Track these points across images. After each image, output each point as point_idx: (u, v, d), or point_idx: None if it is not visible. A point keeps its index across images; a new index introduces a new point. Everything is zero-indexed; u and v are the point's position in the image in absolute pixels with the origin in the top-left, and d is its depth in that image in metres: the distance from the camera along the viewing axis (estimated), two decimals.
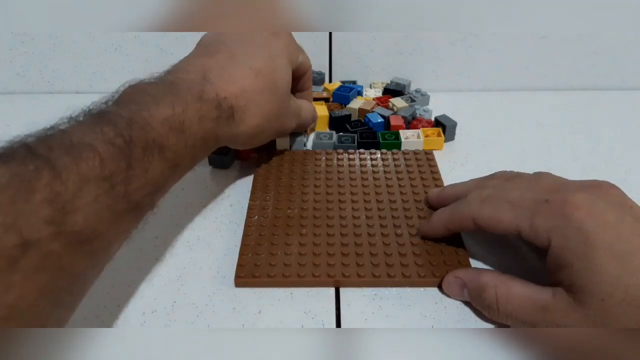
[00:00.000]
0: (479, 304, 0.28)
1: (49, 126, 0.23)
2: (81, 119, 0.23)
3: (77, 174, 0.21)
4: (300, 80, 0.41)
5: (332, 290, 0.30)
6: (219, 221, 0.36)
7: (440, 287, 0.30)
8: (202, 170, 0.42)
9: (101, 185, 0.21)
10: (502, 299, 0.26)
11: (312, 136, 0.45)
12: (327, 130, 0.47)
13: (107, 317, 0.28)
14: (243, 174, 0.41)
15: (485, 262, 0.32)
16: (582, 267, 0.23)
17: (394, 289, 0.30)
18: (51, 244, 0.19)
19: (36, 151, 0.20)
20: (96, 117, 0.24)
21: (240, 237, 0.33)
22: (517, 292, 0.26)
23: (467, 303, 0.29)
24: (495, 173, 0.32)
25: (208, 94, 0.29)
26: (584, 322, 0.23)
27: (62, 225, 0.20)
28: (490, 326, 0.28)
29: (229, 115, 0.30)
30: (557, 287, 0.25)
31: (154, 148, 0.25)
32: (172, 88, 0.28)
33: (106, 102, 0.26)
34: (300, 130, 0.43)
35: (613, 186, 0.27)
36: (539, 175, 0.29)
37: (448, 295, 0.29)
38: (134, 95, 0.26)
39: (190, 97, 0.28)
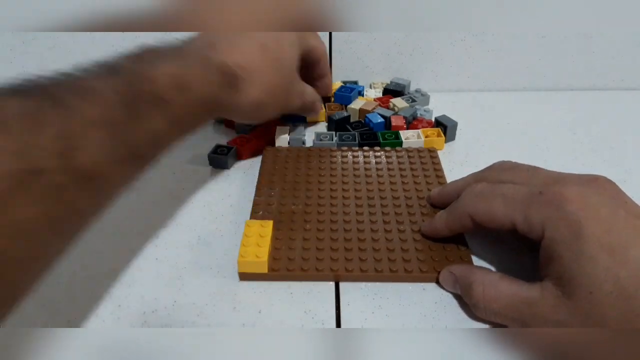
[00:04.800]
0: (467, 301, 0.28)
1: (60, 71, 0.24)
2: (92, 68, 0.25)
3: (84, 115, 0.22)
4: (315, 67, 0.42)
5: (332, 289, 0.30)
6: (219, 221, 0.36)
7: (438, 282, 0.30)
8: (202, 170, 0.42)
9: (104, 128, 0.23)
10: (489, 298, 0.26)
11: (312, 137, 0.45)
12: (325, 130, 0.47)
13: (108, 317, 0.28)
14: (243, 174, 0.41)
15: (488, 260, 0.32)
16: (572, 259, 0.23)
17: (395, 288, 0.30)
18: (58, 176, 0.21)
19: (48, 90, 0.22)
20: (105, 68, 0.26)
21: (241, 237, 0.33)
22: (504, 290, 0.26)
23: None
24: (494, 164, 0.32)
25: (214, 60, 0.31)
26: (572, 316, 0.23)
27: (69, 160, 0.21)
28: (490, 326, 0.28)
29: (232, 84, 0.32)
30: (546, 282, 0.25)
31: (156, 101, 0.26)
32: (180, 51, 0.30)
33: (117, 58, 0.27)
34: (304, 113, 0.44)
35: (608, 181, 0.27)
36: (536, 168, 0.29)
37: (445, 289, 0.30)
38: (142, 54, 0.28)
39: (196, 60, 0.30)
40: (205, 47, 0.31)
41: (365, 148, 0.42)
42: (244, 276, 0.30)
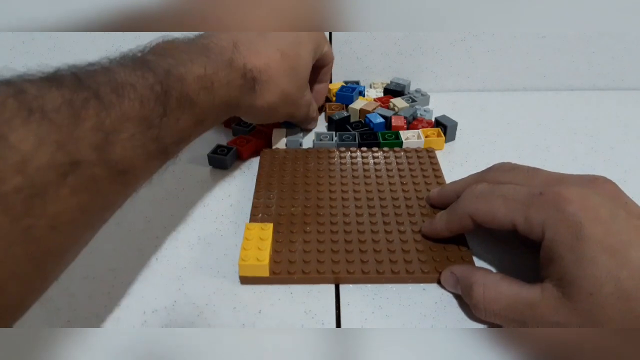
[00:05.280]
0: (468, 302, 0.28)
1: (91, 62, 0.24)
2: (122, 61, 0.25)
3: (120, 110, 0.23)
4: (320, 71, 0.44)
5: (332, 289, 0.30)
6: (219, 221, 0.36)
7: (440, 282, 0.30)
8: (202, 170, 0.42)
9: (139, 124, 0.23)
10: (489, 299, 0.26)
11: (312, 137, 0.45)
12: (325, 130, 0.47)
13: (108, 317, 0.28)
14: (243, 174, 0.41)
15: (489, 261, 0.32)
16: (572, 260, 0.23)
17: (395, 288, 0.30)
18: (95, 168, 0.21)
19: (84, 82, 0.22)
20: (137, 62, 0.26)
21: (241, 237, 0.33)
22: (505, 291, 0.26)
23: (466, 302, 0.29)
24: (494, 165, 0.32)
25: (237, 62, 0.32)
26: (572, 317, 0.23)
27: (105, 153, 0.22)
28: (489, 326, 0.28)
29: (251, 87, 0.33)
30: (546, 283, 0.25)
31: (186, 101, 0.27)
32: (205, 50, 0.30)
33: (142, 51, 0.28)
34: (301, 124, 0.45)
35: (608, 181, 0.27)
36: (536, 169, 0.29)
37: (447, 289, 0.30)
38: (169, 49, 0.28)
39: (221, 62, 0.30)
40: (229, 47, 0.32)
41: (364, 149, 0.42)
42: (246, 280, 0.30)
